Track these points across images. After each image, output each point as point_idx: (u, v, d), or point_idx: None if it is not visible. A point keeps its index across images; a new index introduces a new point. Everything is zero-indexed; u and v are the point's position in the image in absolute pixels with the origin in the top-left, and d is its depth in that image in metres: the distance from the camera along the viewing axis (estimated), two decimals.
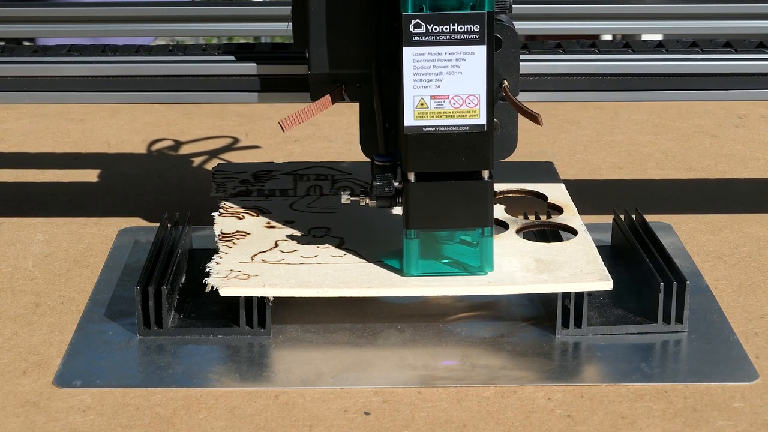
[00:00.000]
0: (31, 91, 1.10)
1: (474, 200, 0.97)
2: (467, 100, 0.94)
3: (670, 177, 1.36)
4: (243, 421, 0.89)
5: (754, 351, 0.98)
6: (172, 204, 1.27)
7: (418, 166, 0.96)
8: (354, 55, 1.00)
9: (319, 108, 1.00)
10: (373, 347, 0.98)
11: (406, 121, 0.94)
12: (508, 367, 0.95)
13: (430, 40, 0.93)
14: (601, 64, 1.09)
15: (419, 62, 0.93)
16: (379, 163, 0.99)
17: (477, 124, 0.95)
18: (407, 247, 0.98)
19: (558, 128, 1.51)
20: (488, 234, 0.98)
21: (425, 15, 0.92)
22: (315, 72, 1.01)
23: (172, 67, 1.09)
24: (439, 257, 0.99)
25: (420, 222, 0.97)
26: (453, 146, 0.95)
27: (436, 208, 0.97)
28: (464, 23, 0.92)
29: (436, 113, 0.94)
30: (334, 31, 0.99)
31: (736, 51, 1.10)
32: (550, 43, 1.11)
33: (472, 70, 0.94)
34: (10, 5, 1.19)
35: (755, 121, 1.53)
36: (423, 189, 0.96)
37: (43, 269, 1.12)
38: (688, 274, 1.03)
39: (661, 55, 1.09)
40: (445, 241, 0.99)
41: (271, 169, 1.20)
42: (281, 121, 0.99)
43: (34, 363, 0.96)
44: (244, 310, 0.98)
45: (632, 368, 0.95)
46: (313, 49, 1.00)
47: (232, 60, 1.08)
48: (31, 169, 1.38)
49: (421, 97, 0.94)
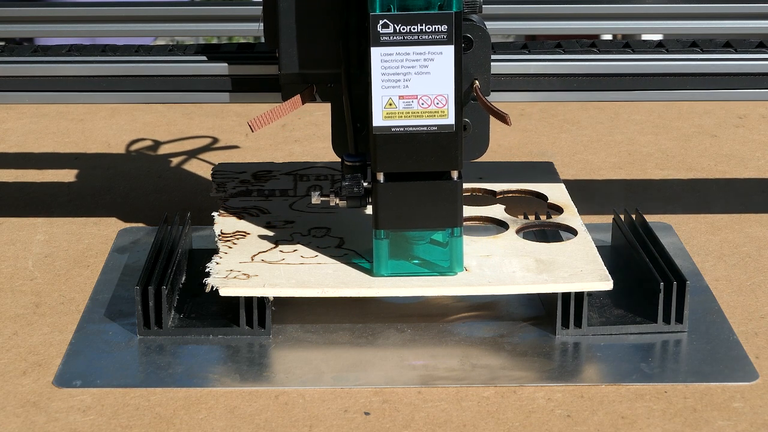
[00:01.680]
0: (30, 91, 1.09)
1: (443, 200, 0.96)
2: (436, 100, 0.94)
3: (670, 177, 1.36)
4: (243, 421, 0.89)
5: (754, 351, 0.98)
6: (172, 204, 1.27)
7: (387, 166, 0.96)
8: (324, 55, 1.00)
9: (289, 108, 1.00)
10: (373, 347, 0.98)
11: (375, 121, 0.94)
12: (508, 367, 0.95)
13: (397, 40, 0.93)
14: (601, 64, 1.08)
15: (387, 62, 0.93)
16: (348, 163, 1.00)
17: (446, 124, 0.95)
18: (377, 248, 0.98)
19: (558, 128, 1.51)
20: (458, 234, 0.98)
21: (393, 15, 0.92)
22: (285, 72, 1.01)
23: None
24: (409, 257, 0.99)
25: (389, 222, 0.97)
26: (422, 146, 0.95)
27: (406, 208, 0.97)
28: (432, 23, 0.92)
29: (405, 113, 0.94)
30: (303, 31, 0.99)
31: (736, 51, 1.10)
32: (549, 42, 1.11)
33: (441, 70, 0.93)
34: (9, 5, 1.19)
35: (755, 121, 1.53)
36: (392, 189, 0.96)
37: (43, 269, 1.12)
38: (688, 274, 1.03)
39: (661, 54, 1.09)
40: (416, 241, 0.99)
41: (271, 169, 1.20)
42: (250, 122, 0.99)
43: (34, 363, 0.96)
44: (244, 310, 0.98)
45: (632, 368, 0.95)
46: (283, 49, 1.00)
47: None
48: (31, 169, 1.38)
49: (389, 97, 0.94)
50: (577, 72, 1.08)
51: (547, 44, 1.10)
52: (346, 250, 1.03)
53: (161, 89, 1.09)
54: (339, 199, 1.00)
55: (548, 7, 1.16)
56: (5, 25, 1.18)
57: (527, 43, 1.10)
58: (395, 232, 0.98)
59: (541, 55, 1.09)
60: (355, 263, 1.00)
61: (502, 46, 1.10)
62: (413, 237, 0.99)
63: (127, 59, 1.09)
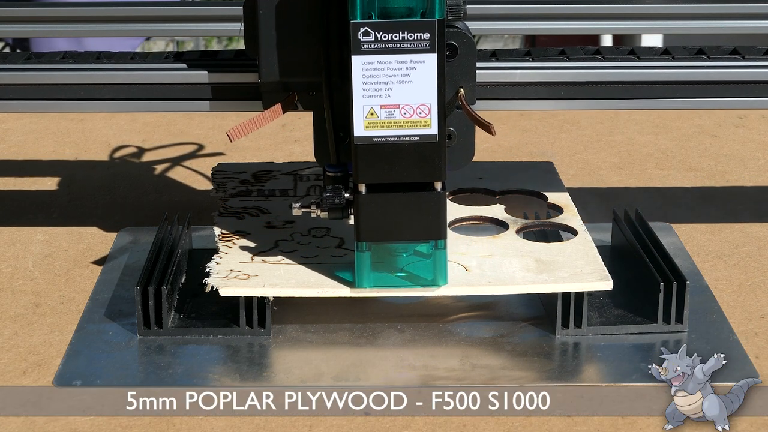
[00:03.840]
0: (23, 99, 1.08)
1: (426, 212, 0.94)
2: (418, 109, 0.92)
3: (670, 177, 1.36)
4: (243, 421, 0.89)
5: (754, 351, 0.98)
6: (172, 204, 1.27)
7: (369, 177, 0.93)
8: (304, 62, 0.97)
9: (270, 117, 0.98)
10: (373, 347, 0.98)
11: (356, 131, 0.92)
12: (508, 367, 0.95)
13: (379, 48, 0.90)
14: (606, 72, 1.07)
15: (368, 71, 0.91)
16: (330, 174, 0.98)
17: (428, 134, 0.92)
18: (359, 260, 0.95)
19: (558, 128, 1.51)
20: (442, 246, 0.95)
21: (374, 23, 0.90)
22: (265, 80, 0.98)
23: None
24: (391, 270, 0.97)
25: (371, 234, 0.95)
26: (404, 157, 0.92)
27: (388, 220, 0.94)
28: (414, 31, 0.90)
29: (387, 123, 0.92)
30: (283, 38, 0.96)
31: (744, 58, 1.08)
32: (553, 49, 1.09)
33: (423, 79, 0.91)
34: (9, 5, 1.18)
35: (755, 121, 1.53)
36: (374, 200, 0.94)
37: (43, 269, 1.12)
38: (688, 274, 1.03)
39: (667, 62, 1.07)
40: (399, 253, 0.97)
41: (271, 169, 1.20)
42: (229, 132, 0.96)
43: (34, 363, 0.96)
44: (244, 310, 0.98)
45: (632, 368, 0.95)
46: (263, 57, 0.97)
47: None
48: (31, 169, 1.38)
49: (371, 106, 0.91)
50: (581, 80, 1.07)
51: (551, 51, 1.09)
52: (346, 250, 1.03)
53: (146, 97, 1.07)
54: (320, 210, 0.97)
55: (548, 7, 1.16)
56: (5, 25, 1.18)
57: (530, 50, 1.09)
58: (377, 244, 0.96)
59: (544, 63, 1.07)
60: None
61: (504, 53, 1.09)
62: (396, 249, 0.97)
63: (120, 67, 1.07)
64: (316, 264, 1.00)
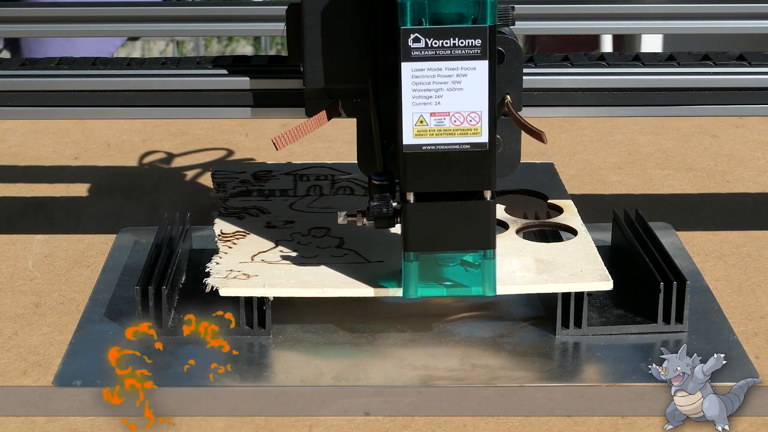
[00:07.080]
0: (18, 107, 1.06)
1: (475, 221, 0.93)
2: (468, 117, 0.90)
3: (670, 177, 1.36)
4: (243, 421, 0.89)
5: (754, 351, 0.98)
6: (172, 204, 1.27)
7: (418, 185, 0.92)
8: (350, 69, 0.96)
9: (315, 125, 0.97)
10: (373, 347, 0.98)
11: (405, 139, 0.90)
12: (508, 367, 0.95)
13: (429, 55, 0.89)
14: (610, 78, 1.06)
15: (418, 78, 0.89)
16: (376, 182, 0.96)
17: (479, 142, 0.91)
18: (406, 270, 0.94)
19: (558, 128, 1.51)
20: (491, 256, 0.94)
21: (424, 29, 0.88)
22: (310, 87, 0.97)
23: (162, 81, 1.05)
24: (439, 280, 0.96)
25: (419, 244, 0.93)
26: (454, 165, 0.91)
27: (436, 229, 0.93)
28: (465, 37, 0.88)
29: (436, 131, 0.90)
30: (329, 45, 0.95)
31: (750, 64, 1.07)
32: (556, 55, 1.09)
33: (474, 86, 0.89)
34: (9, 5, 1.18)
35: (755, 121, 1.53)
36: (422, 210, 0.92)
37: (43, 269, 1.12)
38: (688, 274, 1.03)
39: (673, 68, 1.06)
40: (446, 263, 0.95)
41: (271, 169, 1.20)
42: (275, 139, 0.96)
43: (34, 363, 0.96)
44: (244, 310, 0.98)
45: (632, 368, 0.95)
46: (307, 64, 0.96)
47: (225, 74, 1.05)
48: (31, 169, 1.38)
49: (420, 114, 0.90)
50: (585, 87, 1.05)
51: (554, 57, 1.08)
52: (346, 250, 1.03)
53: (152, 104, 1.06)
54: (366, 219, 0.96)
55: (548, 7, 1.16)
56: (5, 25, 1.18)
57: (533, 56, 1.08)
58: (425, 254, 0.95)
59: (545, 69, 1.06)
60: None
61: None
62: (443, 258, 0.95)
63: (117, 73, 1.06)
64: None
